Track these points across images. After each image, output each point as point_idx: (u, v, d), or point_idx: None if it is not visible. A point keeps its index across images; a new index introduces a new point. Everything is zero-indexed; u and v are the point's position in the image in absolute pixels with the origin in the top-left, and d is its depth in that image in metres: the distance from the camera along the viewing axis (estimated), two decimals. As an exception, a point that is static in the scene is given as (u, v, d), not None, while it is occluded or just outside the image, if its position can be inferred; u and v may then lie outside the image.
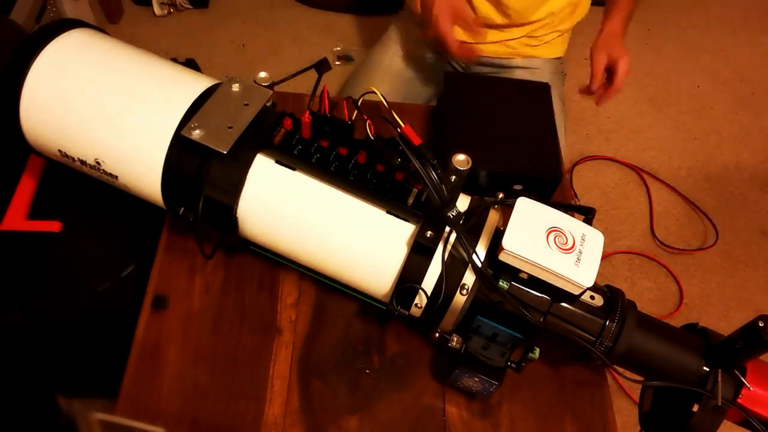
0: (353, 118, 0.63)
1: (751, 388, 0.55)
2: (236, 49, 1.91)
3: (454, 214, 0.54)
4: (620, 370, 0.58)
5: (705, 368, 0.56)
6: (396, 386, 0.66)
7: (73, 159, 0.64)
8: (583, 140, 1.84)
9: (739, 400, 0.55)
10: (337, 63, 1.87)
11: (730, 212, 1.73)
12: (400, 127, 0.57)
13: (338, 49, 1.91)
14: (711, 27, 2.17)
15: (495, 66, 1.17)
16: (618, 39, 0.99)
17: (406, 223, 0.59)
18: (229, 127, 0.58)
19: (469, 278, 0.56)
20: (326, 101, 0.62)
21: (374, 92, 0.61)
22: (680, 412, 0.57)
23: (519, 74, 1.15)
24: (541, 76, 1.13)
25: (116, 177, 0.63)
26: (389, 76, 1.16)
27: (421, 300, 0.58)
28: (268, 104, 0.61)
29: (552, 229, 0.54)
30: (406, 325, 0.70)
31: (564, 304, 0.57)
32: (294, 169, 0.60)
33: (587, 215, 0.59)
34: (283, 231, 0.62)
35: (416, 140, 0.56)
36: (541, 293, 0.56)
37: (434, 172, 0.55)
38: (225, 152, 0.57)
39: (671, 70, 2.01)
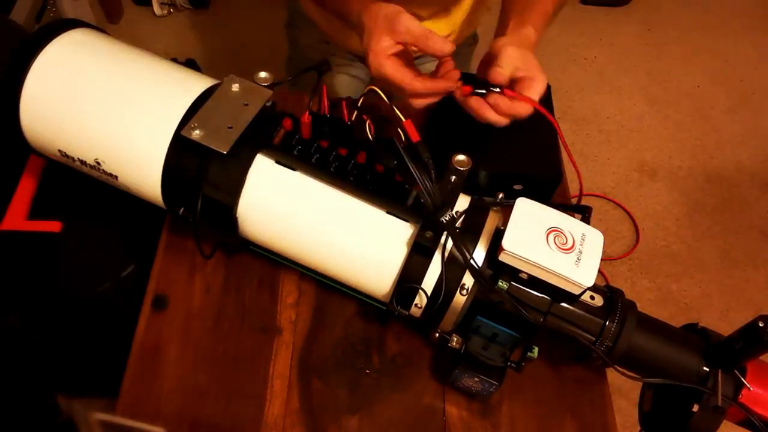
0: (353, 118, 0.63)
1: (751, 389, 0.55)
2: (236, 49, 1.91)
3: (447, 218, 0.54)
4: (620, 369, 0.58)
5: (705, 368, 0.56)
6: (396, 386, 0.66)
7: (73, 159, 0.64)
8: (583, 140, 1.85)
9: (739, 400, 0.55)
10: (337, 63, 1.87)
11: (730, 212, 1.73)
12: (401, 122, 0.57)
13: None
14: (711, 27, 2.17)
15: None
16: (532, 52, 0.69)
17: (406, 223, 0.59)
18: (229, 127, 0.58)
19: (468, 278, 0.56)
20: (326, 101, 0.62)
21: (375, 91, 0.61)
22: (680, 412, 0.57)
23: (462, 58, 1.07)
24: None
25: (116, 177, 0.63)
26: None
27: (421, 300, 0.58)
28: (268, 104, 0.61)
29: (552, 229, 0.54)
30: (406, 325, 0.70)
31: (564, 304, 0.57)
32: (294, 170, 0.60)
33: (584, 214, 0.59)
34: (283, 231, 0.62)
35: (415, 137, 0.56)
36: (541, 293, 0.56)
37: (429, 175, 0.54)
38: (225, 152, 0.57)
39: (671, 70, 2.01)
